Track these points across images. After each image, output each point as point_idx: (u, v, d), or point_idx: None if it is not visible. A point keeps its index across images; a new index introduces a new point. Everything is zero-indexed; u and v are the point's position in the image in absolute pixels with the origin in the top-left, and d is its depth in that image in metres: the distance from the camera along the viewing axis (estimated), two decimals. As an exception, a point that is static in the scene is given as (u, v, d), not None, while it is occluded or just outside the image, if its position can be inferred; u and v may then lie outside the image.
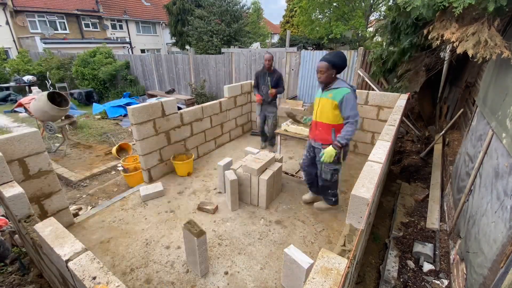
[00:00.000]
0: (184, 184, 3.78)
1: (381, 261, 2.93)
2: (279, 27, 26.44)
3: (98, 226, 2.95)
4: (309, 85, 8.36)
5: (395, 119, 2.92)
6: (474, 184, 2.60)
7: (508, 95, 2.19)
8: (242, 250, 2.60)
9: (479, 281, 1.93)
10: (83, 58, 11.62)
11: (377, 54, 5.47)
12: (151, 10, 22.73)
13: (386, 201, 3.99)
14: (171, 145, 4.00)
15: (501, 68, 2.59)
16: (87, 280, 1.18)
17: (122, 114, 8.63)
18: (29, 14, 16.37)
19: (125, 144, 5.62)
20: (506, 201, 1.83)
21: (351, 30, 15.92)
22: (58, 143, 6.01)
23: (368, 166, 1.88)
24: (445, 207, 3.46)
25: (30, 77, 12.30)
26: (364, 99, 4.41)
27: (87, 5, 18.86)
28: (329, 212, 3.17)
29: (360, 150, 4.78)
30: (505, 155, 2.00)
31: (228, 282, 2.25)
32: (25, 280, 2.58)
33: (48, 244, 1.41)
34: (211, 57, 9.58)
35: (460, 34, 2.64)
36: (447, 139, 4.84)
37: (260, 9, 24.22)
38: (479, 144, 2.75)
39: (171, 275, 2.33)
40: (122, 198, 3.45)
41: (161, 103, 3.67)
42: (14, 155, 2.36)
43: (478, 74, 4.33)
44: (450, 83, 6.12)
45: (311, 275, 1.05)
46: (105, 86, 11.89)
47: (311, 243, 2.71)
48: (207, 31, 13.58)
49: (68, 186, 4.54)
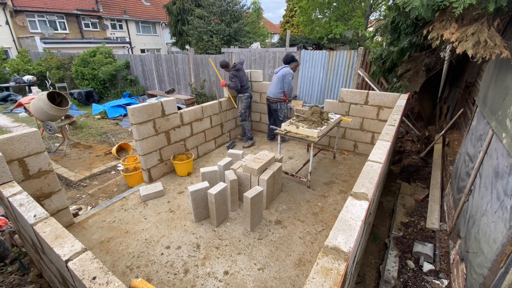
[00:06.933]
0: (184, 184, 3.78)
1: (381, 261, 2.93)
2: (279, 27, 26.44)
3: (98, 226, 2.95)
4: (309, 85, 8.35)
5: (395, 119, 2.92)
6: (474, 184, 2.60)
7: (508, 95, 2.19)
8: (242, 250, 2.60)
9: (479, 281, 1.93)
10: (83, 58, 11.61)
11: (377, 54, 5.47)
12: (151, 10, 22.73)
13: (386, 201, 3.99)
14: (171, 145, 4.00)
15: (501, 68, 2.59)
16: (86, 280, 1.18)
17: (122, 114, 8.63)
18: (29, 14, 16.36)
19: (125, 144, 5.61)
20: (506, 201, 1.83)
21: (351, 30, 15.92)
22: (58, 143, 6.01)
23: (368, 166, 1.88)
24: (445, 207, 3.47)
25: (30, 77, 12.30)
26: (364, 99, 4.41)
27: (87, 5, 18.86)
28: (329, 212, 3.17)
29: (360, 150, 4.78)
30: (505, 155, 2.00)
31: (228, 282, 2.25)
32: (25, 280, 2.58)
33: (48, 244, 1.41)
34: (211, 57, 9.58)
35: (460, 34, 2.64)
36: (447, 139, 4.84)
37: (260, 9, 24.21)
38: (479, 144, 2.75)
39: (171, 275, 2.33)
40: (122, 198, 3.45)
41: (161, 103, 3.67)
42: (14, 155, 2.36)
43: (478, 74, 4.33)
44: (450, 83, 6.12)
45: (311, 275, 1.05)
46: (105, 86, 11.89)
47: (311, 243, 2.71)
48: (207, 31, 13.58)
49: (68, 186, 4.54)
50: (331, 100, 4.77)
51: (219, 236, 2.79)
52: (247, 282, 2.26)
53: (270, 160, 3.29)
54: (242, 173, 3.19)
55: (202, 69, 9.83)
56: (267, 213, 3.16)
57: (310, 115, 3.72)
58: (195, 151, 4.51)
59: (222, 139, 5.14)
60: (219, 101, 4.80)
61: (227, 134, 5.20)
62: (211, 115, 4.68)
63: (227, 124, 5.15)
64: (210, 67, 9.60)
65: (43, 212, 1.66)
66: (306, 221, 3.02)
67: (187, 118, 4.18)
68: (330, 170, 4.17)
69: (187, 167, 3.96)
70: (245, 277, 2.30)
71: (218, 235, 2.80)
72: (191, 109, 4.27)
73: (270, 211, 3.19)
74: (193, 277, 2.30)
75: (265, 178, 3.05)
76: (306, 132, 3.43)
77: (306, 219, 3.06)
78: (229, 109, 5.12)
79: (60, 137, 6.30)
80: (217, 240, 2.73)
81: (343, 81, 7.70)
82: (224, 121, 5.04)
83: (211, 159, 4.58)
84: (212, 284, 2.24)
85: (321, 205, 3.32)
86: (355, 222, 1.31)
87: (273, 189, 3.32)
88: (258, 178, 3.09)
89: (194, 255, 2.54)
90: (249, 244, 2.68)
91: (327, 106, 4.78)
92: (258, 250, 2.60)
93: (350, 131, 4.75)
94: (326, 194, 3.55)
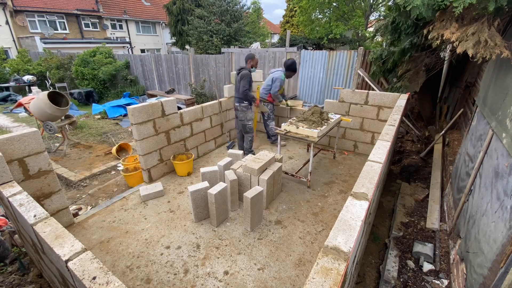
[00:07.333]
0: (184, 184, 3.78)
1: (381, 261, 2.93)
2: (279, 27, 26.44)
3: (98, 226, 2.95)
4: (309, 85, 8.36)
5: (395, 119, 2.91)
6: (474, 184, 2.60)
7: (508, 95, 2.19)
8: (242, 250, 2.60)
9: (479, 281, 1.93)
10: (83, 58, 11.61)
11: (377, 54, 5.47)
12: (151, 10, 22.73)
13: (386, 201, 3.99)
14: (171, 145, 4.00)
15: (501, 68, 2.59)
16: (86, 280, 1.18)
17: (122, 114, 8.63)
18: (29, 14, 16.37)
19: (125, 144, 5.61)
20: (506, 201, 1.83)
21: (351, 30, 15.92)
22: (58, 143, 6.01)
23: (368, 166, 1.88)
24: (445, 207, 3.46)
25: (30, 77, 12.30)
26: (364, 99, 4.41)
27: (87, 5, 18.86)
28: (329, 212, 3.17)
29: (360, 150, 4.78)
30: (505, 155, 2.00)
31: (228, 282, 2.25)
32: (25, 280, 2.58)
33: (48, 244, 1.41)
34: (211, 57, 9.58)
35: (460, 34, 2.64)
36: (447, 139, 4.84)
37: (260, 9, 24.20)
38: (479, 144, 2.75)
39: (171, 275, 2.33)
40: (122, 198, 3.45)
41: (161, 103, 3.67)
42: (14, 155, 2.36)
43: (478, 74, 4.33)
44: (450, 83, 6.12)
45: (311, 275, 1.05)
46: (105, 86, 11.89)
47: (311, 243, 2.71)
48: (207, 31, 13.58)
49: (68, 186, 4.54)
50: (331, 100, 4.77)
51: (219, 236, 2.79)
52: (247, 282, 2.26)
53: (270, 160, 3.29)
54: (242, 173, 3.19)
55: (202, 69, 9.83)
56: (267, 213, 3.16)
57: (310, 115, 3.72)
58: (195, 151, 4.51)
59: (222, 139, 5.14)
60: (219, 101, 4.80)
61: (227, 134, 5.20)
62: (211, 115, 4.68)
63: (227, 124, 5.15)
64: (210, 67, 9.60)
65: (43, 212, 1.66)
66: (306, 221, 3.02)
67: (187, 118, 4.18)
68: (330, 170, 4.17)
69: (187, 167, 3.96)
70: (245, 277, 2.30)
71: (218, 235, 2.80)
72: (191, 109, 4.27)
73: (270, 211, 3.19)
74: (193, 277, 2.30)
75: (265, 178, 3.05)
76: (306, 132, 3.43)
77: (306, 219, 3.06)
78: (229, 109, 5.12)
79: (60, 137, 6.30)
80: (217, 240, 2.73)
81: (343, 81, 7.70)
82: (224, 121, 5.04)
83: (211, 159, 4.58)
84: (212, 284, 2.24)
85: (321, 205, 3.32)
86: (355, 222, 1.31)
87: (273, 189, 3.32)
88: (258, 178, 3.09)
89: (194, 255, 2.54)
90: (249, 244, 2.68)
91: (327, 106, 4.78)
92: (258, 250, 2.60)
93: (350, 131, 4.75)
94: (326, 194, 3.55)
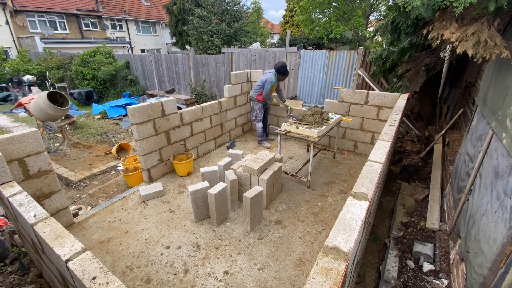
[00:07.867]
0: (184, 184, 3.78)
1: (381, 261, 2.93)
2: (279, 27, 26.44)
3: (98, 226, 2.95)
4: (309, 85, 8.36)
5: (395, 119, 2.91)
6: (474, 184, 2.60)
7: (508, 95, 2.19)
8: (242, 250, 2.60)
9: (479, 281, 1.93)
10: (83, 58, 11.62)
11: (377, 54, 5.47)
12: (151, 10, 22.74)
13: (386, 201, 3.99)
14: (171, 145, 4.00)
15: (501, 68, 2.59)
16: (86, 280, 1.18)
17: (122, 114, 8.63)
18: (29, 14, 16.37)
19: (125, 144, 5.61)
20: (506, 201, 1.83)
21: (351, 30, 15.91)
22: (58, 143, 6.01)
23: (368, 166, 1.88)
24: (445, 207, 3.46)
25: (30, 77, 12.30)
26: (364, 99, 4.41)
27: (87, 5, 18.87)
28: (329, 212, 3.17)
29: (360, 150, 4.78)
30: (505, 155, 2.00)
31: (228, 282, 2.25)
32: (24, 280, 2.58)
33: (48, 244, 1.41)
34: (211, 57, 9.58)
35: (460, 34, 2.64)
36: (447, 139, 4.84)
37: (260, 9, 24.19)
38: (479, 144, 2.75)
39: (171, 275, 2.33)
40: (122, 198, 3.45)
41: (161, 103, 3.67)
42: (14, 155, 2.36)
43: (478, 74, 4.33)
44: (450, 83, 6.12)
45: (311, 275, 1.05)
46: (105, 86, 11.89)
47: (311, 243, 2.71)
48: (207, 31, 13.58)
49: (68, 186, 4.54)
50: (331, 100, 4.77)
51: (219, 236, 2.79)
52: (247, 282, 2.26)
53: (270, 160, 3.29)
54: (242, 173, 3.19)
55: (202, 69, 9.83)
56: (267, 213, 3.16)
57: (310, 115, 3.72)
58: (195, 151, 4.51)
59: (222, 139, 5.14)
60: (219, 101, 4.80)
61: (227, 134, 5.20)
62: (211, 115, 4.68)
63: (227, 124, 5.15)
64: (210, 67, 9.60)
65: (43, 212, 1.66)
66: (306, 221, 3.02)
67: (187, 118, 4.18)
68: (330, 170, 4.17)
69: (187, 167, 3.96)
70: (245, 277, 2.30)
71: (218, 235, 2.80)
72: (191, 109, 4.27)
73: (270, 211, 3.19)
74: (193, 277, 2.30)
75: (265, 178, 3.05)
76: (306, 132, 3.43)
77: (306, 219, 3.06)
78: (229, 109, 5.13)
79: (60, 137, 6.30)
80: (217, 240, 2.73)
81: (343, 81, 7.70)
82: (224, 121, 5.03)
83: (211, 159, 4.58)
84: (212, 284, 2.24)
85: (321, 205, 3.32)
86: (355, 222, 1.31)
87: (273, 189, 3.32)
88: (258, 178, 3.09)
89: (194, 255, 2.54)
90: (249, 244, 2.68)
91: (327, 106, 4.78)
92: (258, 250, 2.60)
93: (350, 131, 4.75)
94: (326, 194, 3.55)
